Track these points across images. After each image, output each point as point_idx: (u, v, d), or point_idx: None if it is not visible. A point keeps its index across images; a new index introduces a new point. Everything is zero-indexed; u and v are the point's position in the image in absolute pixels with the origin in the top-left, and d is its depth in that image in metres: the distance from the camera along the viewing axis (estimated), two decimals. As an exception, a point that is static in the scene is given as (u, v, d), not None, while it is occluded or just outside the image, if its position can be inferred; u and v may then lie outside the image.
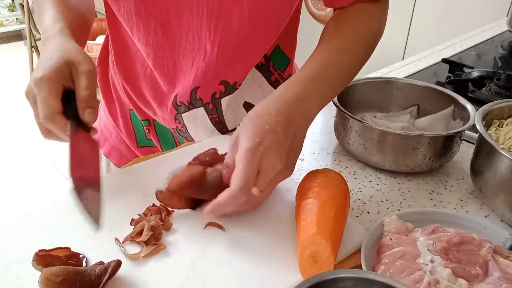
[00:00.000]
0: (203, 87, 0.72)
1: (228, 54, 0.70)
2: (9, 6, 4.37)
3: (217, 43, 0.68)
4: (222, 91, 0.74)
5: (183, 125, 0.77)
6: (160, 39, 0.69)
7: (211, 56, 0.69)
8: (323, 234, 0.46)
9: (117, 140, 0.88)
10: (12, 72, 3.82)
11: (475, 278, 0.47)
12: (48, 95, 0.52)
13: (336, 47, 0.64)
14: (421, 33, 2.17)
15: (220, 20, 0.66)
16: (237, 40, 0.69)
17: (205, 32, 0.67)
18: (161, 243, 0.51)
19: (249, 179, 0.50)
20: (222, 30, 0.67)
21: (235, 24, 0.67)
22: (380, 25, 0.70)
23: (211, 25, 0.66)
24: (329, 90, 0.62)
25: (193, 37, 0.68)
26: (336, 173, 0.57)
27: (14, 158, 2.71)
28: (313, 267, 0.46)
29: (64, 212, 0.55)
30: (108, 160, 0.89)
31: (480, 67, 1.10)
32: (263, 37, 0.71)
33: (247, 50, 0.71)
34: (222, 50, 0.69)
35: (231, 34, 0.68)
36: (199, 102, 0.74)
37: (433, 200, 0.64)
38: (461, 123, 0.72)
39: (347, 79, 0.66)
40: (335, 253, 0.46)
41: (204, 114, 0.76)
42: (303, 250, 0.47)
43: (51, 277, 0.42)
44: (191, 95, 0.73)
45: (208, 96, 0.74)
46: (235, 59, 0.71)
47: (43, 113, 0.53)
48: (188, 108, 0.75)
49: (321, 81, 0.60)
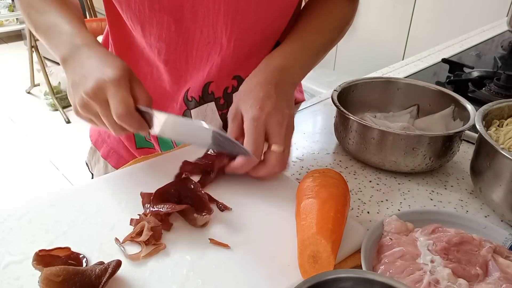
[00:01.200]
0: (217, 81, 0.73)
1: (244, 49, 0.71)
2: (9, 6, 4.37)
3: (234, 37, 0.69)
4: (235, 86, 0.75)
5: None
6: (173, 33, 0.68)
7: (227, 50, 0.70)
8: (323, 234, 0.46)
9: (115, 141, 0.88)
10: (12, 72, 3.82)
11: (475, 278, 0.47)
12: (127, 94, 0.55)
13: (313, 28, 0.73)
14: (421, 33, 2.17)
15: (237, 15, 0.67)
16: (253, 34, 0.70)
17: (221, 27, 0.68)
18: (161, 243, 0.51)
19: (259, 143, 0.58)
20: (239, 25, 0.68)
21: (252, 18, 0.68)
22: (352, 12, 0.78)
23: (228, 20, 0.67)
24: (307, 61, 0.70)
25: (208, 32, 0.68)
26: (336, 173, 0.57)
27: (14, 158, 2.71)
28: (313, 267, 0.46)
29: (64, 212, 0.55)
30: (106, 162, 0.89)
31: (480, 67, 1.10)
32: (273, 31, 0.73)
33: (262, 45, 0.73)
34: (239, 45, 0.70)
35: (248, 28, 0.69)
36: (211, 97, 0.75)
37: (433, 200, 0.64)
38: (461, 123, 0.72)
39: (322, 54, 0.74)
40: (335, 253, 0.46)
41: (214, 109, 0.76)
42: (303, 250, 0.47)
43: (51, 277, 0.42)
44: (203, 89, 0.73)
45: (220, 91, 0.75)
46: (250, 54, 0.72)
47: (119, 111, 0.54)
48: (199, 103, 0.75)
49: (300, 53, 0.68)
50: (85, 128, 0.86)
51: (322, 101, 0.94)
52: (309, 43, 0.70)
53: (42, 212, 0.55)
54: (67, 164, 2.61)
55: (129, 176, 0.63)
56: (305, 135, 0.80)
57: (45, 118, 3.20)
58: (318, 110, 0.91)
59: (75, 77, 0.58)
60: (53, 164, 2.65)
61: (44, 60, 3.17)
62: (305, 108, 0.92)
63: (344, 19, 0.76)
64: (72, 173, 2.54)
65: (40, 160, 2.68)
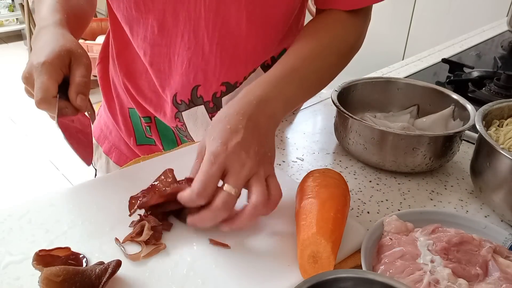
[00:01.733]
0: (204, 86, 0.73)
1: (227, 53, 0.70)
2: (9, 6, 4.37)
3: (216, 41, 0.68)
4: (223, 91, 0.74)
5: (183, 123, 0.77)
6: (156, 36, 0.69)
7: (210, 54, 0.70)
8: (323, 234, 0.46)
9: (116, 138, 0.89)
10: (12, 72, 3.82)
11: (475, 278, 0.47)
12: (48, 79, 0.55)
13: (308, 51, 0.63)
14: (421, 33, 2.17)
15: (218, 18, 0.66)
16: (236, 38, 0.69)
17: (202, 31, 0.67)
18: (161, 243, 0.51)
19: (208, 184, 0.48)
20: (220, 29, 0.67)
21: (233, 22, 0.67)
22: (358, 37, 0.69)
23: (209, 24, 0.67)
24: (295, 93, 0.60)
25: (189, 37, 0.68)
26: (336, 173, 0.57)
27: (14, 157, 2.71)
28: (313, 267, 0.46)
29: (64, 212, 0.55)
30: (108, 158, 0.90)
31: (480, 67, 1.10)
32: (263, 37, 0.71)
33: (247, 50, 0.71)
34: (221, 48, 0.69)
35: (230, 31, 0.68)
36: (200, 100, 0.75)
37: (433, 200, 0.64)
38: (461, 123, 0.72)
39: (317, 85, 0.65)
40: (335, 253, 0.46)
41: (204, 113, 0.76)
42: (303, 250, 0.47)
43: (51, 277, 0.42)
44: (192, 93, 0.73)
45: (209, 95, 0.74)
46: (235, 58, 0.71)
47: (39, 96, 0.55)
48: (188, 106, 0.75)
49: (287, 84, 0.59)
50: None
51: (322, 101, 0.94)
52: (300, 71, 0.61)
53: (42, 212, 0.55)
54: (67, 164, 2.61)
55: (129, 176, 0.63)
56: (305, 135, 0.80)
57: (45, 118, 3.19)
58: (318, 110, 0.91)
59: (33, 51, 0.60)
60: (53, 164, 2.65)
61: (44, 60, 3.17)
62: (305, 108, 0.92)
63: (346, 41, 0.67)
64: (72, 173, 2.54)
65: (40, 160, 2.68)
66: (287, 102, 0.59)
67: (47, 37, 0.59)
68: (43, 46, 0.57)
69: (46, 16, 0.63)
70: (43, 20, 0.63)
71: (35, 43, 0.60)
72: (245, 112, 0.53)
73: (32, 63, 0.56)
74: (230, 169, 0.49)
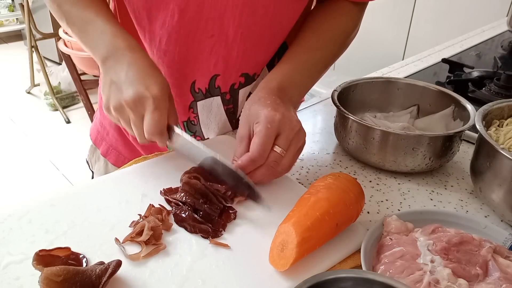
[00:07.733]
0: (224, 75, 0.73)
1: (251, 42, 0.71)
2: (9, 6, 4.36)
3: (241, 31, 0.69)
4: (242, 82, 0.75)
5: (196, 114, 0.77)
6: (175, 23, 0.68)
7: (233, 42, 0.70)
8: (297, 227, 0.47)
9: (114, 139, 0.88)
10: (12, 72, 3.82)
11: (475, 278, 0.47)
12: (163, 115, 0.58)
13: (313, 43, 0.71)
14: (421, 33, 2.17)
15: (246, 7, 0.66)
16: (260, 27, 0.69)
17: (228, 19, 0.67)
18: (161, 243, 0.51)
19: (267, 147, 0.56)
20: (247, 18, 0.67)
21: (261, 12, 0.67)
22: (355, 26, 0.76)
23: (236, 12, 0.67)
24: (305, 82, 0.70)
25: (213, 25, 0.68)
26: (352, 179, 0.55)
27: (14, 158, 2.71)
28: (278, 255, 0.48)
29: (64, 212, 0.55)
30: (106, 160, 0.89)
31: (480, 67, 1.10)
32: (281, 28, 0.72)
33: (269, 40, 0.73)
34: (246, 37, 0.70)
35: (255, 21, 0.68)
36: (217, 91, 0.75)
37: (433, 200, 0.64)
38: (461, 123, 0.72)
39: (322, 71, 0.73)
40: (301, 250, 0.47)
41: (219, 104, 0.76)
42: (277, 236, 0.49)
43: (52, 276, 0.42)
44: (210, 82, 0.73)
45: (227, 86, 0.75)
46: (257, 47, 0.72)
47: (152, 129, 0.57)
48: (205, 96, 0.75)
49: (297, 73, 0.68)
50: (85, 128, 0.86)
51: (322, 101, 0.94)
52: (307, 62, 0.69)
53: (42, 212, 0.55)
54: (67, 164, 2.61)
55: (129, 176, 0.63)
56: (305, 135, 0.80)
57: (45, 118, 3.20)
58: (318, 110, 0.91)
59: (114, 78, 0.60)
60: (53, 164, 2.65)
61: (44, 60, 3.17)
62: (305, 108, 0.92)
63: (346, 32, 0.74)
64: (72, 173, 2.54)
65: (40, 160, 2.68)
66: (300, 89, 0.69)
67: (140, 62, 0.60)
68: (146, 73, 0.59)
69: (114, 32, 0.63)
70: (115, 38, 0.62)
71: (121, 63, 0.60)
72: (273, 95, 0.62)
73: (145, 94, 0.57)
74: (282, 132, 0.58)
